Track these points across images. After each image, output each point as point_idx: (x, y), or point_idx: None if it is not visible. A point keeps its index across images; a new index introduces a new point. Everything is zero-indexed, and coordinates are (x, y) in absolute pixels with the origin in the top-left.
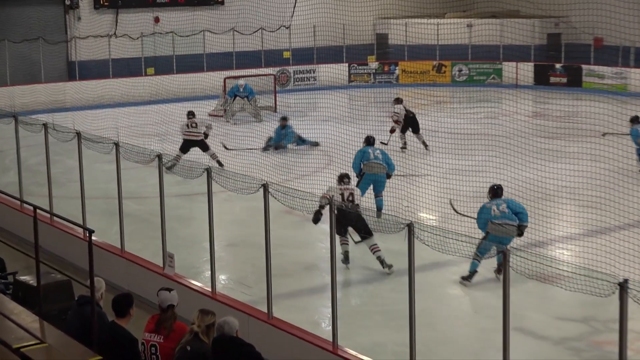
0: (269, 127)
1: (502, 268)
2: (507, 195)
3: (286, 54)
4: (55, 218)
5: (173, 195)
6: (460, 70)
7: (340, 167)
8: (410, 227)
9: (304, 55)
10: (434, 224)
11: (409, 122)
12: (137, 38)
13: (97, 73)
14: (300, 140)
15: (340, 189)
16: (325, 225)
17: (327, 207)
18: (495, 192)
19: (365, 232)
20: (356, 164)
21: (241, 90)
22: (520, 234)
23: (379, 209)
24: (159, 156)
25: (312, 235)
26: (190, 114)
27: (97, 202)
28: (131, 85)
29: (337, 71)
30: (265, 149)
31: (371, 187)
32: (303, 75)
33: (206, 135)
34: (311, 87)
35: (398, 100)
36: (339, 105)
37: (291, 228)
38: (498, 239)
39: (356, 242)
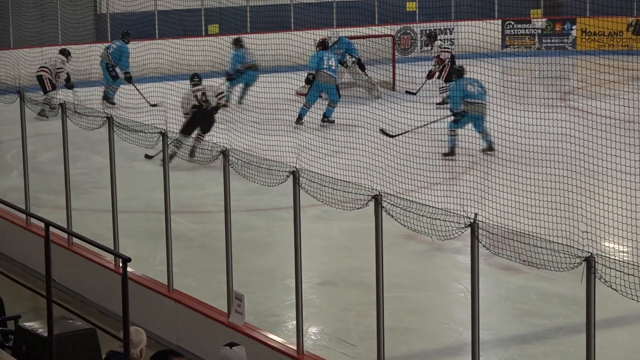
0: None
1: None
2: None
3: (411, 6)
4: (75, 240)
5: (244, 209)
6: None
7: (488, 169)
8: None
9: (437, 8)
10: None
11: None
12: None
13: (137, 32)
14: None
15: (193, 92)
16: (461, 256)
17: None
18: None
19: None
20: (311, 68)
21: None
22: None
23: (325, 116)
24: (225, 153)
25: (444, 271)
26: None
27: (136, 218)
28: (187, 50)
29: (485, 31)
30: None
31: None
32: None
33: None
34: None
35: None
36: (487, 82)
37: (415, 260)
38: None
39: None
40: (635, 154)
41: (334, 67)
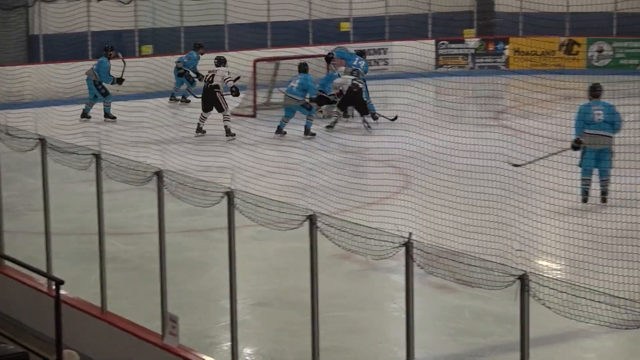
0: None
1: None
2: None
3: (344, 26)
4: (7, 263)
5: (178, 230)
6: (600, 51)
7: (422, 189)
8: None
9: (371, 29)
10: None
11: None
12: (129, 2)
13: (70, 52)
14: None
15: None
16: (396, 275)
17: None
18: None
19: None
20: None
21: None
22: None
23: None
24: (159, 174)
25: (379, 290)
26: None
27: (69, 240)
28: (120, 71)
29: (418, 51)
30: None
31: None
32: (369, 58)
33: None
34: (381, 74)
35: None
36: (420, 102)
37: (350, 280)
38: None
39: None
40: (567, 172)
41: (295, 89)
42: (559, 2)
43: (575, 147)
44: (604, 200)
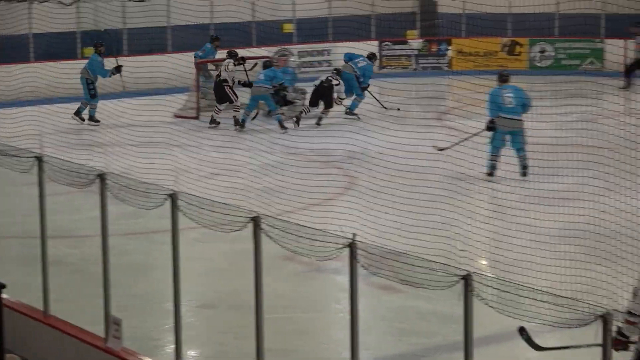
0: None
1: None
2: (610, 235)
3: (287, 27)
4: None
5: (122, 233)
6: (542, 52)
7: (366, 190)
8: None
9: (314, 30)
10: None
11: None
12: (71, 4)
13: (11, 55)
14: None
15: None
16: (341, 276)
17: None
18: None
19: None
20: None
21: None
22: None
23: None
24: (102, 176)
25: (324, 291)
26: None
27: (10, 244)
28: (61, 73)
29: (362, 52)
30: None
31: None
32: (312, 59)
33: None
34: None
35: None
36: (363, 102)
37: (294, 281)
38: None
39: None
40: (509, 171)
41: (262, 79)
42: (501, 2)
43: (489, 128)
44: (524, 174)
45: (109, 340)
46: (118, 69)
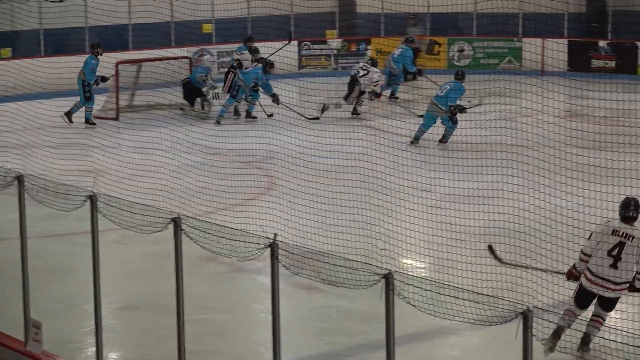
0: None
1: None
2: (530, 233)
3: (206, 28)
4: None
5: (41, 235)
6: (461, 51)
7: (287, 190)
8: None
9: (233, 30)
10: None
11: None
12: None
13: None
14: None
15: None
16: (262, 276)
17: None
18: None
19: None
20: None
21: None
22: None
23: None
24: (19, 178)
25: (245, 292)
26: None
27: None
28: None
29: (281, 52)
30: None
31: None
32: (232, 59)
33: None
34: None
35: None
36: (283, 101)
37: (216, 282)
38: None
39: None
40: (429, 170)
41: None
42: (420, 2)
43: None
44: (441, 141)
45: (29, 343)
46: (104, 79)
